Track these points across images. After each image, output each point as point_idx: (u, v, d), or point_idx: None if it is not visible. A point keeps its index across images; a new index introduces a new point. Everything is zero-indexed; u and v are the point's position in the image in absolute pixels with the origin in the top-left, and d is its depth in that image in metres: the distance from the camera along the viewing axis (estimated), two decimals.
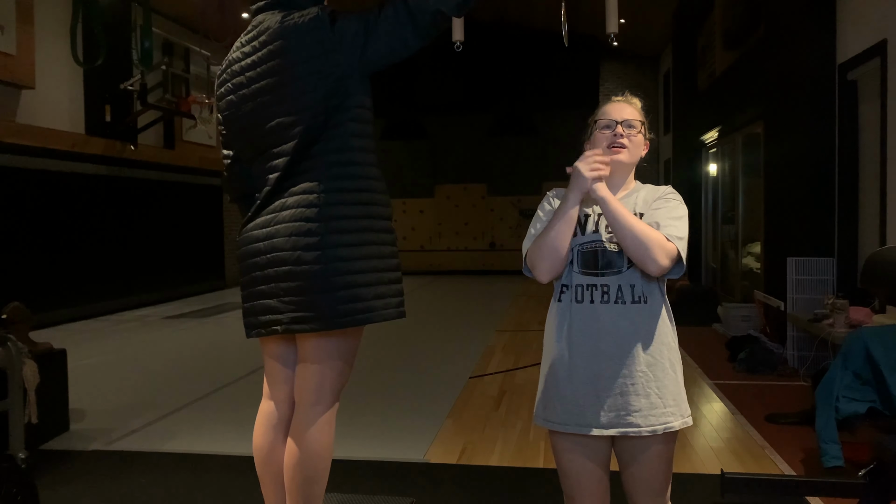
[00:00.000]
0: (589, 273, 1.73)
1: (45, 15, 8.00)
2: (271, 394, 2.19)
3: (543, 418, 1.81)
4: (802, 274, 5.29)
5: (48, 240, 8.06)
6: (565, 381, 1.75)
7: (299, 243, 1.96)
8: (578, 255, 1.75)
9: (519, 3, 12.64)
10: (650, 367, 1.70)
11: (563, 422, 1.75)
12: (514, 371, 5.49)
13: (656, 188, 1.84)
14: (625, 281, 1.71)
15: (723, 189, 9.37)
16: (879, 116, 4.68)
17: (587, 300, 1.72)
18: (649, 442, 1.72)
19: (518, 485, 3.16)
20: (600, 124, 1.83)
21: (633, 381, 1.69)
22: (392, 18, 1.94)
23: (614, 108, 1.84)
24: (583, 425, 1.72)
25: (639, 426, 1.69)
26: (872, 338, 3.00)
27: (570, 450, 1.77)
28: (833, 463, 3.03)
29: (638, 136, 1.82)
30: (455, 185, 15.49)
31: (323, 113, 1.97)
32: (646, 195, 1.82)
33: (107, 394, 4.88)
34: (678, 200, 1.78)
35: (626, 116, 1.81)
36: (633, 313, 1.71)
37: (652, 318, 1.73)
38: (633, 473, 1.75)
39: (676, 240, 1.68)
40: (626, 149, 1.80)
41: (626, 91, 1.97)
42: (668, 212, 1.73)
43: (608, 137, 1.81)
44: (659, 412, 1.70)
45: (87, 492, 3.12)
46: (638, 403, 1.69)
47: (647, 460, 1.73)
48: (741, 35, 7.57)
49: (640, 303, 1.71)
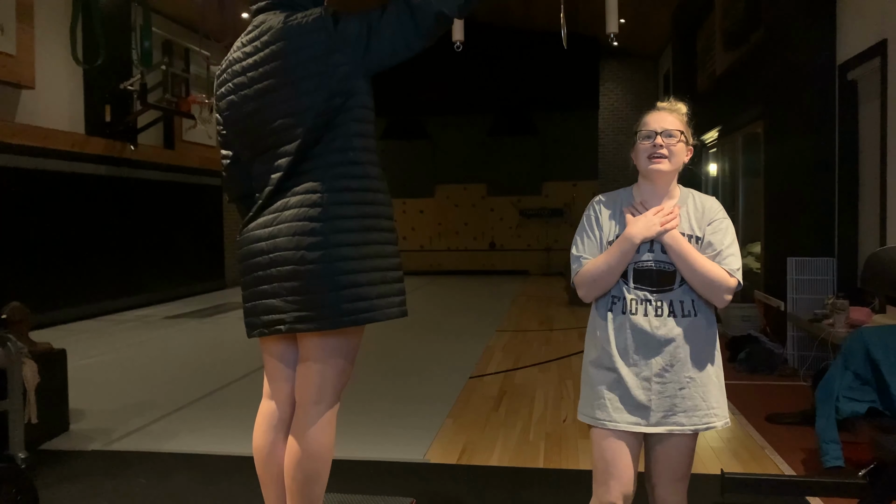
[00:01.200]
0: (643, 289, 1.86)
1: (45, 15, 8.00)
2: (272, 393, 2.19)
3: (591, 416, 1.92)
4: (802, 274, 5.29)
5: (48, 240, 8.05)
6: (615, 385, 1.87)
7: (302, 243, 1.96)
8: (632, 272, 1.87)
9: (519, 4, 12.64)
10: (697, 374, 1.85)
11: (612, 419, 1.87)
12: (514, 371, 5.49)
13: (703, 199, 1.94)
14: (676, 297, 1.85)
15: (723, 189, 9.37)
16: (879, 116, 4.68)
17: (640, 313, 1.86)
18: (684, 438, 1.87)
19: (518, 485, 3.16)
20: (641, 135, 1.90)
21: (681, 386, 1.84)
22: (395, 19, 1.94)
23: (655, 117, 1.91)
24: (631, 423, 1.86)
25: (683, 424, 1.84)
26: (872, 338, 3.00)
27: (608, 443, 1.89)
28: (833, 463, 3.03)
29: (679, 144, 1.89)
30: (455, 185, 15.49)
31: (325, 113, 1.97)
32: (694, 208, 1.91)
33: (107, 394, 4.88)
34: (728, 221, 1.90)
35: (666, 126, 1.88)
36: (683, 326, 1.85)
37: (699, 330, 1.87)
38: (663, 462, 1.89)
39: (737, 272, 1.83)
40: (666, 159, 1.87)
41: (672, 97, 2.00)
42: (723, 236, 1.86)
43: (648, 148, 1.88)
44: (702, 413, 1.85)
45: (87, 492, 3.12)
46: (684, 405, 1.84)
47: (677, 452, 1.88)
48: (741, 35, 7.57)
49: (690, 316, 1.86)
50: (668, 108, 1.92)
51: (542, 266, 14.82)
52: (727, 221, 1.90)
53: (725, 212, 1.93)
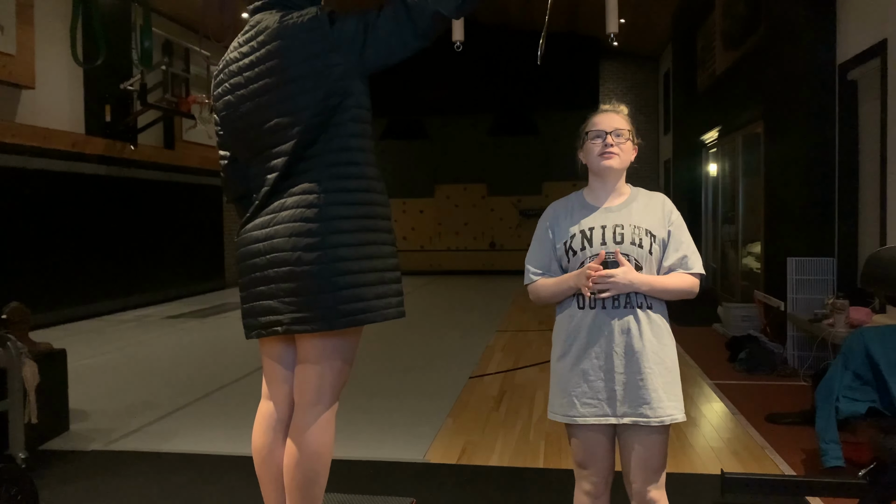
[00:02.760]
0: None
1: (45, 15, 8.00)
2: (270, 394, 2.19)
3: (561, 414, 1.97)
4: (802, 274, 5.29)
5: (48, 240, 8.06)
6: (579, 379, 1.93)
7: (299, 244, 1.96)
8: None
9: (519, 4, 12.64)
10: (657, 364, 1.90)
11: (581, 415, 1.93)
12: (514, 371, 5.49)
13: (651, 196, 2.03)
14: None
15: (723, 189, 9.37)
16: (879, 116, 4.68)
17: (598, 305, 1.92)
18: (653, 430, 1.91)
19: (518, 485, 3.16)
20: (591, 135, 2.01)
21: (642, 377, 1.89)
22: (392, 19, 1.94)
23: (603, 118, 2.00)
24: (600, 415, 1.92)
25: (648, 417, 1.89)
26: (872, 338, 2.99)
27: (584, 435, 1.96)
28: (833, 463, 3.02)
29: (626, 143, 1.98)
30: (455, 185, 15.49)
31: (321, 113, 1.97)
32: (644, 204, 2.00)
33: (107, 394, 4.88)
34: (678, 214, 2.00)
35: (616, 126, 1.98)
36: (640, 317, 1.91)
37: (656, 321, 1.94)
38: (636, 456, 1.93)
39: (698, 266, 1.96)
40: (617, 156, 1.97)
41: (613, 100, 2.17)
42: (681, 234, 1.97)
43: (599, 147, 1.98)
44: (665, 405, 1.90)
45: (87, 492, 3.12)
46: (647, 397, 1.89)
47: (649, 445, 1.92)
48: (741, 35, 7.57)
49: (644, 308, 1.92)
50: (613, 110, 2.01)
51: None
52: (679, 216, 2.00)
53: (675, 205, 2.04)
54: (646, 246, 1.91)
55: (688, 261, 1.94)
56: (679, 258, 1.94)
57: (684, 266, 1.94)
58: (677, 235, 1.96)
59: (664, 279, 1.92)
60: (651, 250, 1.92)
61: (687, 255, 1.94)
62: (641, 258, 1.91)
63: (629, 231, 1.92)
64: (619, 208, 1.97)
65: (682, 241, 1.96)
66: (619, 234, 1.92)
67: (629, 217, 1.95)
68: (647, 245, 1.92)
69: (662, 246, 1.95)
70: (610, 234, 1.92)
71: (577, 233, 1.96)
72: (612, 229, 1.93)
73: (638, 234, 1.92)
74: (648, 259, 1.92)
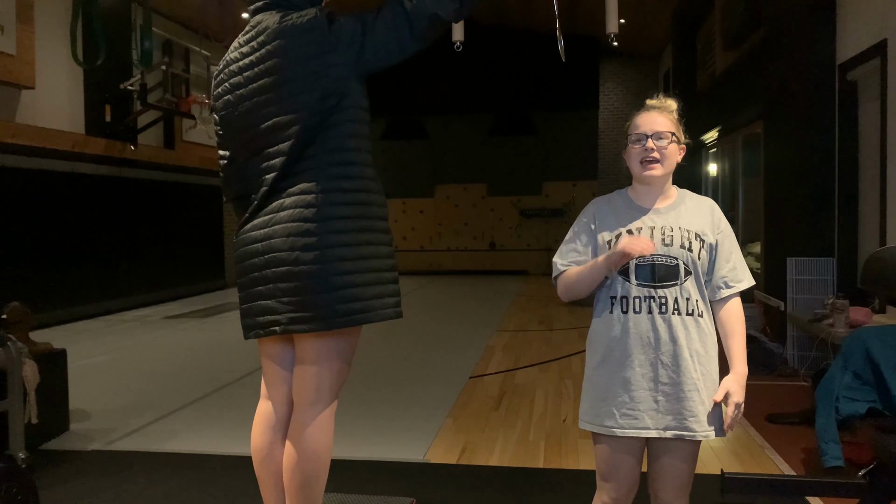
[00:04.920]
0: (646, 285, 1.81)
1: (45, 15, 8.00)
2: (269, 394, 2.19)
3: (598, 424, 1.87)
4: (802, 274, 5.29)
5: (48, 240, 8.05)
6: (620, 388, 1.83)
7: (297, 244, 1.96)
8: (634, 268, 1.82)
9: (519, 4, 12.64)
10: (702, 375, 1.82)
11: (620, 426, 1.83)
12: (514, 371, 5.49)
13: (700, 200, 1.93)
14: (681, 293, 1.81)
15: (723, 189, 9.37)
16: (879, 116, 4.68)
17: (644, 311, 1.81)
18: (692, 444, 1.86)
19: (518, 485, 3.16)
20: (632, 138, 1.87)
21: (687, 388, 1.80)
22: (390, 21, 1.95)
23: (645, 119, 1.86)
24: (640, 429, 1.82)
25: (694, 431, 1.82)
26: (872, 338, 3.00)
27: (614, 446, 1.87)
28: (833, 463, 3.03)
29: (670, 146, 1.86)
30: (455, 185, 15.49)
31: (319, 113, 1.97)
32: (693, 208, 1.89)
33: (107, 394, 4.88)
34: (728, 223, 1.91)
35: (657, 128, 1.84)
36: (688, 324, 1.82)
37: (703, 329, 1.84)
38: (670, 469, 1.86)
39: (748, 278, 1.89)
40: (659, 163, 1.85)
41: (661, 94, 1.96)
42: (731, 244, 1.88)
43: (640, 153, 1.85)
44: (707, 419, 1.82)
45: (87, 492, 3.12)
46: (693, 409, 1.81)
47: (685, 457, 1.86)
48: (741, 35, 7.57)
49: (694, 315, 1.83)
50: (658, 107, 1.88)
51: (542, 266, 14.81)
52: (729, 225, 1.92)
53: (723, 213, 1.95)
54: (695, 250, 1.82)
55: (738, 273, 1.87)
56: (730, 270, 1.86)
57: (735, 278, 1.86)
58: (727, 245, 1.87)
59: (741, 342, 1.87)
60: (700, 255, 1.83)
61: (737, 267, 1.87)
62: (689, 262, 1.82)
63: (678, 234, 1.83)
64: (667, 210, 1.87)
65: (732, 251, 1.88)
66: (669, 236, 1.82)
67: (678, 220, 1.85)
68: (697, 249, 1.83)
69: (710, 251, 1.85)
70: (659, 235, 1.82)
71: (624, 232, 1.85)
72: (661, 231, 1.83)
73: (687, 237, 1.83)
74: (696, 264, 1.83)
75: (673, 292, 1.81)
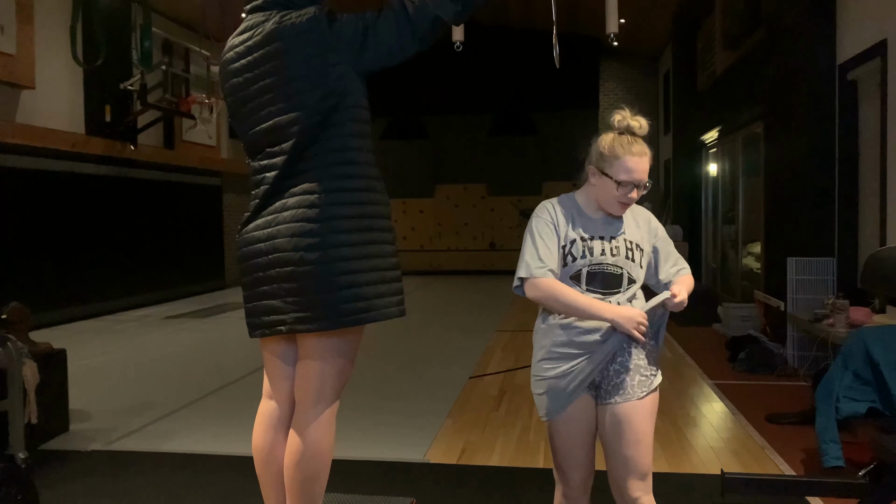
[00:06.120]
0: (595, 291, 1.95)
1: (45, 15, 8.00)
2: (271, 393, 2.19)
3: (552, 412, 2.02)
4: (802, 274, 5.29)
5: (48, 240, 8.05)
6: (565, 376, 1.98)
7: (301, 244, 1.96)
8: (585, 275, 1.96)
9: (519, 4, 12.64)
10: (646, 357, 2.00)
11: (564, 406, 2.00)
12: (514, 371, 5.49)
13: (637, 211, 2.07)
14: (623, 298, 1.96)
15: (723, 189, 9.37)
16: (879, 116, 4.68)
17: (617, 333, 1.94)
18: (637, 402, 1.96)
19: (518, 485, 3.16)
20: (620, 180, 1.92)
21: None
22: (391, 21, 1.95)
23: (638, 164, 1.92)
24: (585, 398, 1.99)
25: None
26: (872, 338, 3.00)
27: (566, 430, 2.01)
28: (833, 463, 3.03)
29: None
30: (455, 185, 15.48)
31: (320, 112, 1.97)
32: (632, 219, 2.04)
33: (107, 394, 4.88)
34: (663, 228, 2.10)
35: (645, 178, 1.94)
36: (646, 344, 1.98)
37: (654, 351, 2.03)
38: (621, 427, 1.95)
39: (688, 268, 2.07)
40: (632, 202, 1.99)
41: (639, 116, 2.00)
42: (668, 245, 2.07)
43: (621, 196, 1.94)
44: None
45: (87, 492, 3.12)
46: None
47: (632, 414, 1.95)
48: (741, 35, 7.57)
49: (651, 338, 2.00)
50: (644, 153, 1.93)
51: None
52: (663, 228, 2.10)
53: None
54: (637, 260, 1.98)
55: (679, 263, 2.06)
56: (675, 268, 2.04)
57: (679, 267, 2.05)
58: (665, 248, 2.06)
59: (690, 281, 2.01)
60: (641, 264, 1.99)
61: (678, 264, 2.06)
62: (633, 271, 1.97)
63: (623, 245, 1.97)
64: (614, 221, 2.01)
65: (670, 251, 2.06)
66: (616, 247, 1.97)
67: (623, 230, 2.00)
68: (638, 259, 1.98)
69: (652, 257, 2.04)
70: (609, 246, 1.96)
71: (578, 239, 1.97)
72: (610, 241, 1.97)
73: (631, 248, 1.98)
74: (639, 273, 1.99)
75: (616, 298, 1.95)
